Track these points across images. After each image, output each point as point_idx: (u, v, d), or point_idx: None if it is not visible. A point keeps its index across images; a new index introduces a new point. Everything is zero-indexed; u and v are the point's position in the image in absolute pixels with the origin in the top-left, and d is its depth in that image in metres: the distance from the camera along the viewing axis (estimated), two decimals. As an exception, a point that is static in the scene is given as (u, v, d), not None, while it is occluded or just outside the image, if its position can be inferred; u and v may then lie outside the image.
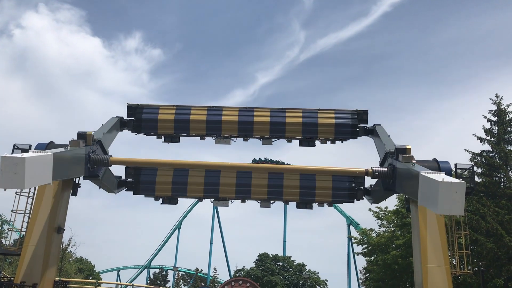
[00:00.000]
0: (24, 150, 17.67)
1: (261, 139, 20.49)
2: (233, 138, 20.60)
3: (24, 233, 17.25)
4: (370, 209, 35.92)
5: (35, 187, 17.55)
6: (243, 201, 20.48)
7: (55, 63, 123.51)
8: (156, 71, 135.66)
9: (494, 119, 30.24)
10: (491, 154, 29.80)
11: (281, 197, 19.84)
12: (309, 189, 19.59)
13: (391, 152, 17.74)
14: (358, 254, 39.11)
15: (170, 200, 20.27)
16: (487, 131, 30.03)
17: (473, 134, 30.32)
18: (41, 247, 16.28)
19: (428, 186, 12.01)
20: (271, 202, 20.28)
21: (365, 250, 36.43)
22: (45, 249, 16.29)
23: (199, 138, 20.63)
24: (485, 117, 30.45)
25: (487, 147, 30.06)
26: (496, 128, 30.02)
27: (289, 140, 20.34)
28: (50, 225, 16.60)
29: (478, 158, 29.83)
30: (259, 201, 20.20)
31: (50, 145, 17.78)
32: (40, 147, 17.67)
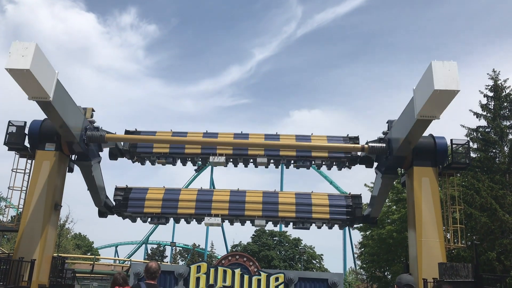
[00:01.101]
0: (19, 127, 17.61)
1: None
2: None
3: (21, 209, 17.30)
4: (365, 185, 36.21)
5: (31, 164, 17.55)
6: (234, 221, 20.41)
7: (49, 39, 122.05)
8: (152, 47, 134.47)
9: (491, 94, 30.21)
10: (487, 130, 29.88)
11: (277, 214, 19.74)
12: (305, 206, 19.67)
13: (384, 133, 17.86)
14: (353, 229, 39.57)
15: (159, 218, 19.91)
16: (483, 107, 30.05)
17: (470, 110, 30.35)
18: (39, 223, 16.37)
19: (423, 81, 13.21)
20: (265, 221, 20.16)
21: (360, 225, 36.83)
22: (43, 225, 16.40)
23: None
24: (482, 92, 30.42)
25: (483, 122, 30.13)
26: (493, 103, 30.01)
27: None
28: (47, 201, 16.67)
29: (474, 133, 29.92)
30: (255, 218, 20.03)
31: (45, 122, 17.70)
32: (35, 124, 17.59)
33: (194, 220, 20.05)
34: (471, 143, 27.52)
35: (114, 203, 19.81)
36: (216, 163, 20.29)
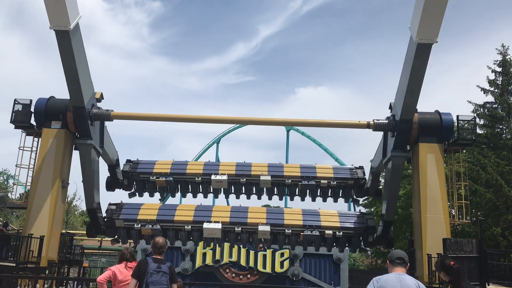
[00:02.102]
0: (25, 105, 17.67)
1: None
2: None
3: (29, 187, 17.50)
4: (371, 160, 36.18)
5: (37, 142, 17.67)
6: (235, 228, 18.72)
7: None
8: (156, 24, 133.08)
9: (499, 69, 29.84)
10: (494, 106, 29.63)
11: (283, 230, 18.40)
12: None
13: (388, 117, 17.73)
14: (358, 205, 39.72)
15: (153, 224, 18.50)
16: (491, 82, 29.72)
17: (477, 86, 30.05)
18: (46, 200, 16.58)
19: (416, 9, 13.93)
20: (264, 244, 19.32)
21: (365, 201, 36.99)
22: (50, 202, 16.60)
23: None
24: (490, 67, 30.07)
25: (490, 98, 29.85)
26: (501, 79, 29.67)
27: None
28: (54, 179, 16.84)
29: (481, 109, 29.69)
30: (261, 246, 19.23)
31: (51, 100, 17.74)
32: (41, 102, 17.64)
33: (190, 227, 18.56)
34: (477, 119, 27.34)
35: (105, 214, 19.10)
36: (217, 182, 19.11)
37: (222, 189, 19.79)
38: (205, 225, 18.07)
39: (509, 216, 25.15)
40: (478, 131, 26.73)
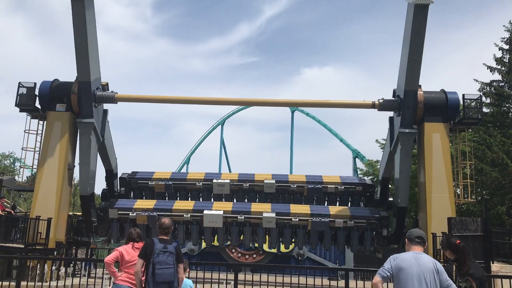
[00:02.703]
0: (30, 89, 17.68)
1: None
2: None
3: (35, 170, 17.62)
4: (376, 140, 36.08)
5: (42, 125, 17.71)
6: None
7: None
8: (160, 5, 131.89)
9: (506, 47, 29.43)
10: (500, 84, 29.31)
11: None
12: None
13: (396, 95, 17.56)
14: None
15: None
16: (498, 60, 29.33)
17: (483, 64, 29.70)
18: (53, 183, 16.72)
19: None
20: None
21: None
22: (57, 185, 16.74)
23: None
24: (497, 45, 29.65)
25: (497, 76, 29.51)
26: (508, 56, 29.26)
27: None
28: (60, 162, 16.94)
29: (487, 88, 29.37)
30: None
31: (55, 82, 17.74)
32: (45, 85, 17.64)
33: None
34: (483, 98, 27.08)
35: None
36: (219, 186, 18.59)
37: (224, 195, 18.95)
38: (206, 212, 17.25)
39: (515, 195, 25.12)
40: (484, 110, 26.51)
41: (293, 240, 18.34)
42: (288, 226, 17.58)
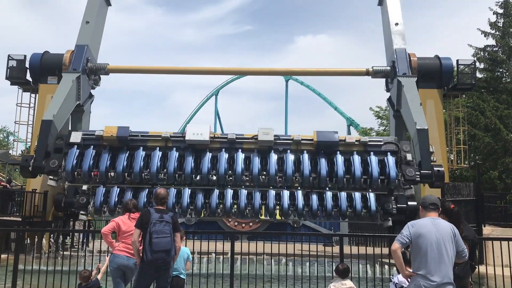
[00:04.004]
0: (20, 61, 17.45)
1: None
2: None
3: (29, 143, 17.56)
4: (370, 108, 36.14)
5: (35, 98, 17.57)
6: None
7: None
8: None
9: (501, 11, 29.17)
10: (494, 49, 29.17)
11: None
12: None
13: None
14: (358, 152, 39.94)
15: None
16: (492, 25, 29.11)
17: (477, 29, 29.48)
18: (48, 156, 16.62)
19: None
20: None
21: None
22: (52, 158, 16.65)
23: None
24: (491, 9, 29.38)
25: (491, 41, 29.36)
26: (502, 21, 29.04)
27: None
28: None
29: (481, 53, 29.26)
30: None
31: (46, 55, 17.50)
32: (35, 57, 17.41)
33: None
34: (477, 63, 27.00)
35: None
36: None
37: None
38: (189, 127, 15.43)
39: (507, 159, 25.39)
40: (478, 75, 26.48)
41: (296, 178, 15.38)
42: (290, 152, 15.46)
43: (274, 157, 15.27)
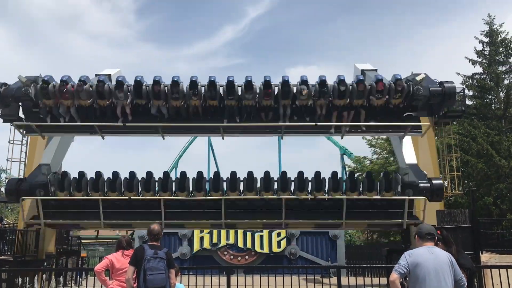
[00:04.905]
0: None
1: None
2: None
3: (22, 181, 17.37)
4: (363, 137, 36.30)
5: (27, 137, 17.53)
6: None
7: (38, 7, 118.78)
8: (142, 10, 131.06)
9: (486, 40, 29.86)
10: (482, 76, 29.73)
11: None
12: None
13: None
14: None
15: None
16: (479, 53, 29.75)
17: (465, 57, 30.09)
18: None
19: None
20: None
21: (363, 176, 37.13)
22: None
23: None
24: (477, 38, 30.07)
25: (478, 69, 29.94)
26: (488, 49, 29.69)
27: None
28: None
29: (470, 80, 29.78)
30: None
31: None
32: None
33: None
34: (466, 91, 27.43)
35: None
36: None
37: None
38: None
39: (501, 185, 25.47)
40: (468, 102, 26.86)
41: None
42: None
43: None
